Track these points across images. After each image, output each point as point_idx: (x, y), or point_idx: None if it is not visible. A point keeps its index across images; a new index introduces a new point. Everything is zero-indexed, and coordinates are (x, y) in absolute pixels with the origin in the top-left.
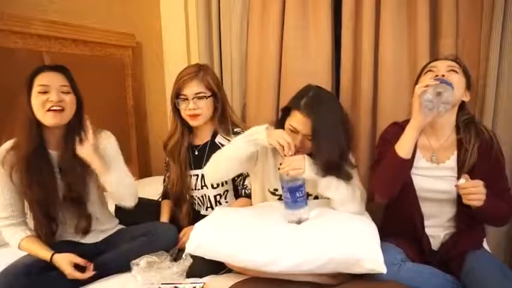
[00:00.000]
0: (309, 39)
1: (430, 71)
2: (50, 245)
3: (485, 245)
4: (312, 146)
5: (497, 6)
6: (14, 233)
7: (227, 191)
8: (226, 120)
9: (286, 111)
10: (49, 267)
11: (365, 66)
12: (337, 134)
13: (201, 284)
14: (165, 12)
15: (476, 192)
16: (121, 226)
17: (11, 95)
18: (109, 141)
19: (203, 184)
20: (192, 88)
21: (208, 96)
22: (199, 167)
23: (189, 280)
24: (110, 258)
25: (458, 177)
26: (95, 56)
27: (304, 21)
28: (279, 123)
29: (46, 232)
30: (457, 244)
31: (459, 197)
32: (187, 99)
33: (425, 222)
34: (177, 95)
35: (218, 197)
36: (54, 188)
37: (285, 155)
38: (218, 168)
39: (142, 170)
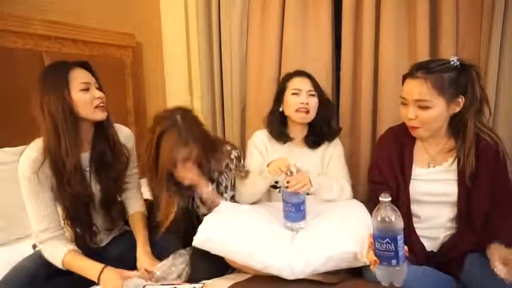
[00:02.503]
0: (309, 39)
1: (403, 103)
2: (90, 252)
3: None
4: (318, 98)
5: (497, 7)
6: (54, 248)
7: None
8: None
9: (280, 93)
10: (53, 272)
11: (365, 66)
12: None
13: (201, 285)
14: (165, 12)
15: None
16: (126, 227)
17: (11, 95)
18: (128, 141)
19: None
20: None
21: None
22: None
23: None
24: (116, 264)
25: (459, 180)
26: (94, 56)
27: (304, 21)
28: (278, 101)
29: (90, 242)
30: (456, 245)
31: (458, 198)
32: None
33: (424, 224)
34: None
35: None
36: (91, 191)
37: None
38: (251, 198)
39: (142, 170)
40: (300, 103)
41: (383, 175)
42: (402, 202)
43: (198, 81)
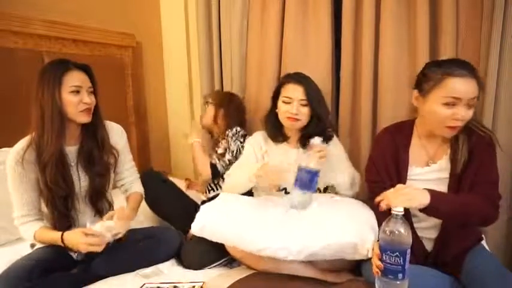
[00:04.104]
0: (309, 39)
1: (450, 104)
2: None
3: (484, 243)
4: (309, 109)
5: (497, 6)
6: (29, 227)
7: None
8: None
9: (275, 95)
10: (49, 269)
11: (365, 66)
12: (323, 99)
13: (200, 283)
14: (165, 12)
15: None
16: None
17: (11, 95)
18: (120, 138)
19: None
20: None
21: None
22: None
23: (188, 279)
24: (113, 259)
25: (451, 178)
26: (95, 56)
27: (304, 21)
28: (274, 102)
29: (63, 226)
30: (452, 244)
31: None
32: None
33: (421, 224)
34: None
35: (215, 181)
36: (73, 183)
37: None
38: (233, 191)
39: (142, 169)
40: (289, 112)
41: (379, 175)
42: None
43: (198, 81)
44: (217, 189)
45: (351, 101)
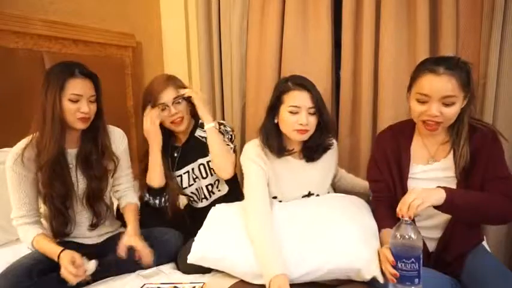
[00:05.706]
0: (309, 39)
1: (421, 101)
2: (61, 242)
3: (485, 244)
4: (319, 117)
5: (497, 6)
6: (27, 231)
7: (218, 180)
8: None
9: (275, 105)
10: (49, 268)
11: (365, 66)
12: (325, 103)
13: (201, 284)
14: (165, 12)
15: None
16: (123, 229)
17: (11, 95)
18: (121, 143)
19: (194, 177)
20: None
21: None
22: (187, 163)
23: (189, 280)
24: (112, 260)
25: (458, 177)
26: (95, 56)
27: (304, 21)
28: (272, 112)
29: (60, 228)
30: (454, 245)
31: None
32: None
33: (423, 223)
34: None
35: (210, 187)
36: (72, 184)
37: None
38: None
39: (142, 170)
40: (298, 124)
41: (381, 173)
42: (400, 196)
43: (198, 81)
44: (210, 196)
45: (351, 100)
